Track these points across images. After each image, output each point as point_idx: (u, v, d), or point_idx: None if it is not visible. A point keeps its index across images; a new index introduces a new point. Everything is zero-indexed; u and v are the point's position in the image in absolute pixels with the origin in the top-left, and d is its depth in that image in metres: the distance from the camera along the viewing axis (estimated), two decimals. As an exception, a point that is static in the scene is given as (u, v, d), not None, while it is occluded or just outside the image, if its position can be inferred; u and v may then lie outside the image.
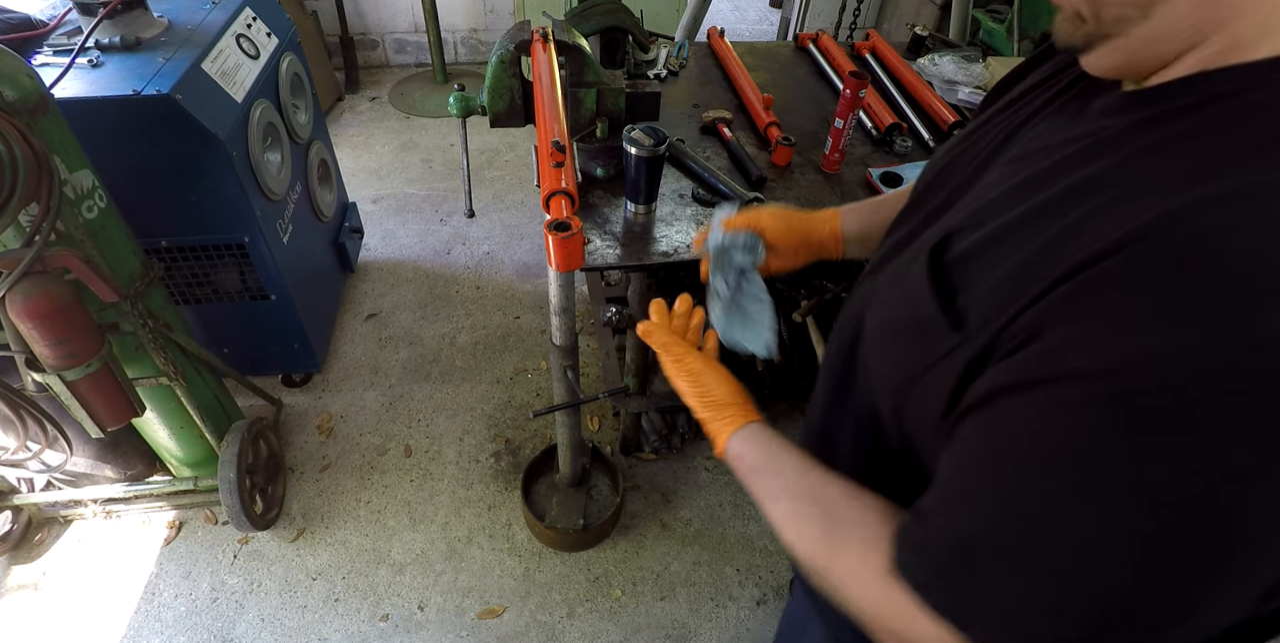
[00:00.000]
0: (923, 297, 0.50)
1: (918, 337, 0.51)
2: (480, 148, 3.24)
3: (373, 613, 1.67)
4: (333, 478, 1.93)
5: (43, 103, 1.12)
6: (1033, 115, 0.58)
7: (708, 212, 1.42)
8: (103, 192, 1.27)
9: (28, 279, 1.09)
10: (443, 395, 2.16)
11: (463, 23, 3.77)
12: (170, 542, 1.78)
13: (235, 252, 1.70)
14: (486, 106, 1.34)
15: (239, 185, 1.56)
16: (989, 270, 0.47)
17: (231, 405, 1.75)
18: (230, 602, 1.68)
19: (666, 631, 1.66)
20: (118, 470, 1.76)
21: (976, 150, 0.62)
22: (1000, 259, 0.46)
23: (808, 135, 1.64)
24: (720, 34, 2.05)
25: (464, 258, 2.66)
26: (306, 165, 2.05)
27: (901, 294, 0.55)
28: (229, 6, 1.73)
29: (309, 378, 2.18)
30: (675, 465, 1.99)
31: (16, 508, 1.71)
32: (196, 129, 1.43)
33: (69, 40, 1.51)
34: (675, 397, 1.86)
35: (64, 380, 1.22)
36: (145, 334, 1.35)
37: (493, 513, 1.87)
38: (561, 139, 1.08)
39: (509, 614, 1.67)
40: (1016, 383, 0.42)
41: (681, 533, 1.84)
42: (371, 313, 2.41)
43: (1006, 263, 0.45)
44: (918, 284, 0.52)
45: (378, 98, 3.59)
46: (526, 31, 1.32)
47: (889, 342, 0.56)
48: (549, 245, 1.01)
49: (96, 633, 1.61)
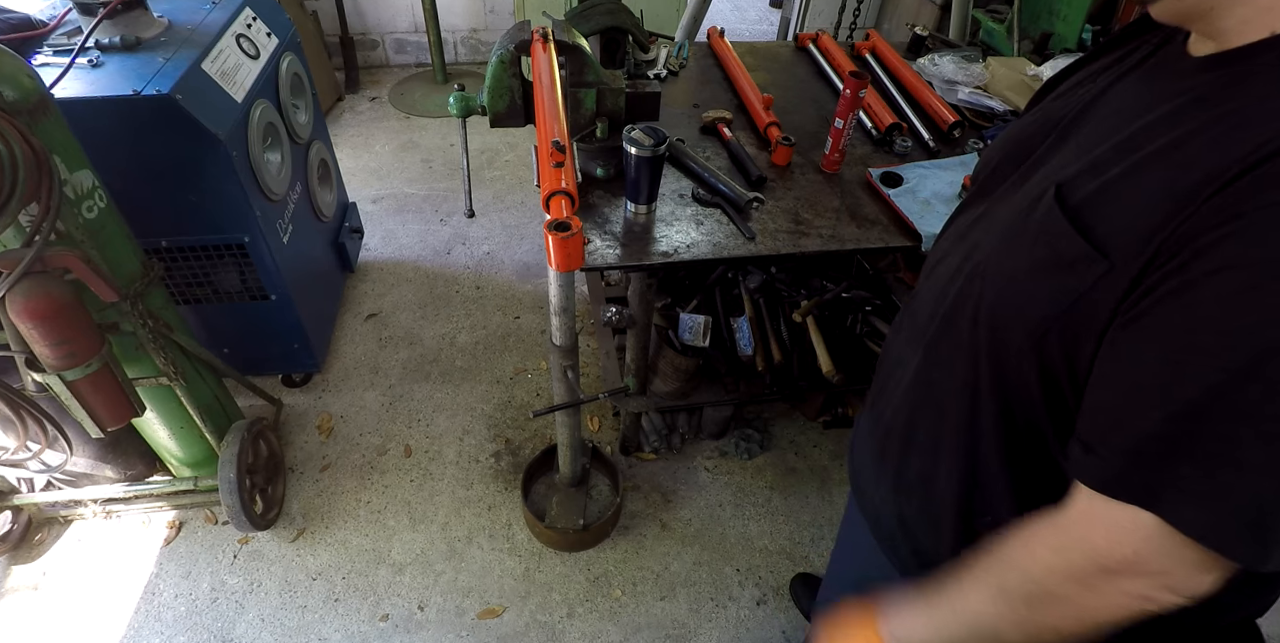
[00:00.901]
0: (1061, 234, 0.55)
1: (1065, 271, 0.54)
2: (480, 148, 3.25)
3: (373, 613, 1.67)
4: (333, 478, 1.93)
5: (43, 103, 1.12)
6: (1108, 88, 0.63)
7: (708, 211, 1.42)
8: (103, 192, 1.27)
9: (28, 279, 1.09)
10: (443, 395, 2.16)
11: (463, 23, 3.77)
12: (170, 542, 1.78)
13: (235, 252, 1.70)
14: (486, 106, 1.34)
15: (239, 185, 1.56)
16: (1128, 203, 0.51)
17: (231, 405, 1.75)
18: (230, 602, 1.68)
19: (666, 631, 1.66)
20: (118, 470, 1.76)
21: (1054, 120, 0.66)
22: (1136, 193, 0.51)
23: (808, 135, 1.64)
24: (720, 34, 2.05)
25: (464, 258, 2.66)
26: (306, 165, 2.05)
27: (1030, 241, 0.58)
28: (229, 6, 1.73)
29: (309, 378, 2.18)
30: (675, 465, 1.99)
31: (16, 508, 1.71)
32: (196, 129, 1.43)
33: (69, 40, 1.51)
34: (675, 397, 1.87)
35: (64, 380, 1.22)
36: (145, 334, 1.35)
37: (493, 513, 1.87)
38: (561, 139, 1.08)
39: (509, 614, 1.67)
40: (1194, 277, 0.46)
41: (681, 533, 1.84)
42: (371, 313, 2.41)
43: (1145, 195, 0.50)
44: (1051, 226, 0.56)
45: (378, 98, 3.59)
46: (526, 31, 1.32)
47: (1028, 285, 0.58)
48: (549, 245, 1.01)
49: (96, 633, 1.61)
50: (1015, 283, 0.60)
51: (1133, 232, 0.50)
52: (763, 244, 1.35)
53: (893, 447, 0.80)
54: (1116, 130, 0.57)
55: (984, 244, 0.65)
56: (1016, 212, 0.62)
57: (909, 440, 0.77)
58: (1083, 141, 0.61)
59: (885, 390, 0.82)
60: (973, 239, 0.68)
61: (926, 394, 0.74)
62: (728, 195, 1.42)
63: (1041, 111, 0.71)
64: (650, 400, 1.81)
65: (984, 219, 0.69)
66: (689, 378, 1.82)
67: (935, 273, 0.74)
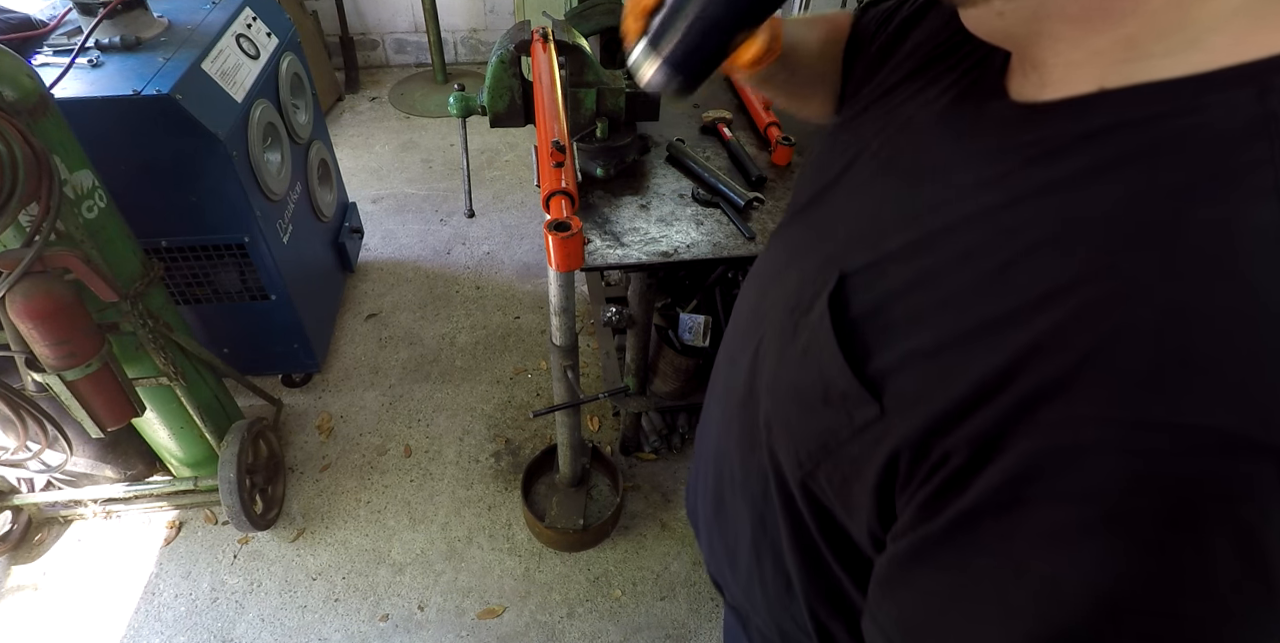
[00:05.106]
0: (829, 357, 0.43)
1: (829, 406, 0.43)
2: (480, 148, 3.24)
3: (373, 613, 1.67)
4: (333, 478, 1.93)
5: (43, 103, 1.12)
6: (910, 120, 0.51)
7: (708, 211, 1.42)
8: (103, 192, 1.27)
9: (28, 279, 1.09)
10: (443, 395, 2.16)
11: (463, 23, 3.77)
12: (170, 542, 1.78)
13: (235, 252, 1.70)
14: (486, 106, 1.34)
15: (239, 185, 1.56)
16: (904, 334, 0.40)
17: (231, 405, 1.75)
18: (230, 602, 1.68)
19: (666, 631, 1.66)
20: (118, 470, 1.76)
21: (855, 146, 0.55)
22: (914, 321, 0.40)
23: (808, 135, 1.64)
24: (720, 34, 2.05)
25: (464, 258, 2.66)
26: (306, 165, 2.05)
27: (799, 351, 0.48)
28: (229, 6, 1.73)
29: (309, 378, 2.18)
30: (675, 465, 1.99)
31: (16, 508, 1.71)
32: (196, 129, 1.43)
33: (69, 40, 1.51)
34: (675, 397, 1.87)
35: (64, 380, 1.22)
36: (145, 334, 1.35)
37: (493, 513, 1.87)
38: (561, 139, 1.08)
39: (509, 614, 1.67)
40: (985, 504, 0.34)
41: (681, 533, 1.84)
42: (371, 313, 2.41)
43: (923, 331, 0.39)
44: (821, 340, 0.44)
45: (378, 98, 3.59)
46: (526, 31, 1.32)
47: (793, 407, 0.48)
48: (549, 245, 1.01)
49: (96, 633, 1.61)
50: (781, 398, 0.50)
51: (904, 379, 0.39)
52: (763, 244, 1.35)
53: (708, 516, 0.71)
54: (908, 210, 0.45)
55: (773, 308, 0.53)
56: (793, 297, 0.50)
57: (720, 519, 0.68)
58: (875, 206, 0.49)
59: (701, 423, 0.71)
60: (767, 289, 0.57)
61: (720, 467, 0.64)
62: (728, 195, 1.42)
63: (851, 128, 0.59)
64: (650, 400, 1.81)
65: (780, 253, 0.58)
66: (689, 378, 1.82)
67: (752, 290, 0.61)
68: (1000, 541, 0.34)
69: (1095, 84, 0.37)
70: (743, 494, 0.60)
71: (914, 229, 0.43)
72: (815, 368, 0.45)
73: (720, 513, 0.67)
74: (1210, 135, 0.32)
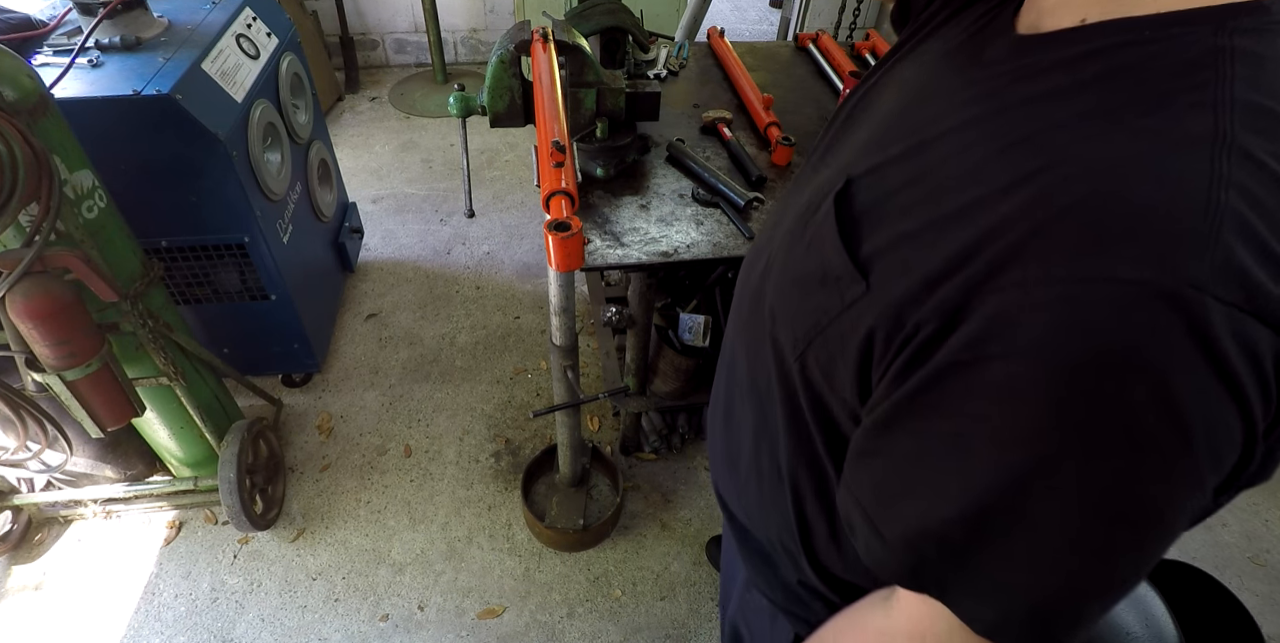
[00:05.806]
0: (830, 245, 0.49)
1: (824, 287, 0.49)
2: (480, 148, 3.24)
3: (373, 613, 1.67)
4: (333, 478, 1.93)
5: (43, 103, 1.12)
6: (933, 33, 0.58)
7: (708, 211, 1.42)
8: (103, 192, 1.27)
9: (28, 279, 1.09)
10: (443, 395, 2.16)
11: (463, 23, 3.77)
12: (170, 542, 1.78)
13: (235, 252, 1.70)
14: (486, 106, 1.34)
15: (239, 185, 1.56)
16: (891, 223, 0.46)
17: (231, 405, 1.75)
18: (230, 602, 1.68)
19: (666, 631, 1.66)
20: (118, 470, 1.76)
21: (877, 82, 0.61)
22: (905, 212, 0.45)
23: (808, 135, 1.64)
24: (720, 34, 2.05)
25: (464, 258, 2.66)
26: (306, 165, 2.05)
27: (804, 247, 0.53)
28: (229, 6, 1.73)
29: (309, 378, 2.18)
30: (675, 465, 1.99)
31: (16, 508, 1.71)
32: (196, 129, 1.43)
33: (69, 40, 1.51)
34: (675, 397, 1.87)
35: (64, 380, 1.22)
36: (145, 334, 1.35)
37: (493, 513, 1.87)
38: (561, 139, 1.08)
39: (509, 614, 1.67)
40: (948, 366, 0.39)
41: (681, 533, 1.84)
42: (371, 313, 2.41)
43: (905, 220, 0.45)
44: (824, 233, 0.50)
45: (378, 98, 3.59)
46: (526, 31, 1.32)
47: (794, 294, 0.54)
48: (549, 245, 1.02)
49: (96, 633, 1.61)
50: (785, 289, 0.56)
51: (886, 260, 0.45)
52: (763, 244, 1.35)
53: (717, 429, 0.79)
54: (913, 122, 0.51)
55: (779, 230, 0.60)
56: (803, 207, 0.57)
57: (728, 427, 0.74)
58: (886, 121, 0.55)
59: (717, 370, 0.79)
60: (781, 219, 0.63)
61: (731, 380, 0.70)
62: (728, 195, 1.42)
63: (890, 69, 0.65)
64: (650, 400, 1.81)
65: (794, 195, 0.63)
66: (689, 378, 1.82)
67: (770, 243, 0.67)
68: (961, 399, 0.40)
69: (1079, 18, 0.44)
70: (750, 396, 0.66)
71: (914, 137, 0.49)
72: (817, 256, 0.51)
73: (729, 420, 0.73)
74: (1168, 62, 0.39)
